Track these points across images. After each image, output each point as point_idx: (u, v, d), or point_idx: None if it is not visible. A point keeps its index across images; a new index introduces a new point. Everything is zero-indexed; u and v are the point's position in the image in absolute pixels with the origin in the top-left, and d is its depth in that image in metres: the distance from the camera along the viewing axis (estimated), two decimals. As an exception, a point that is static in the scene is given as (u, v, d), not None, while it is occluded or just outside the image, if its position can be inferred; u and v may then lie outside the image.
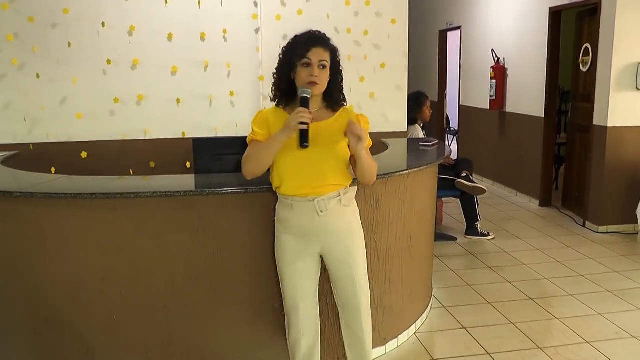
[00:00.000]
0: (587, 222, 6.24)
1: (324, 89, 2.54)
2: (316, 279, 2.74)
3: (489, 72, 8.13)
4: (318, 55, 2.46)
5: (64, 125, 4.73)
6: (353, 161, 2.57)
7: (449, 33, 9.99)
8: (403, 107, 5.41)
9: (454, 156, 7.05)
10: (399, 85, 5.33)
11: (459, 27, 9.35)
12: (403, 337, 3.65)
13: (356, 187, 2.73)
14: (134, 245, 2.95)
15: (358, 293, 2.71)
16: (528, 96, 7.43)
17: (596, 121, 6.11)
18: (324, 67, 2.48)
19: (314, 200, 2.53)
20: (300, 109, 2.39)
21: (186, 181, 3.38)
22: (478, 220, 5.90)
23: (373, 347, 3.37)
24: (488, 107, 8.23)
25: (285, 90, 2.56)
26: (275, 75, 2.59)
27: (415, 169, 3.37)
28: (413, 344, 3.67)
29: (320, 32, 2.56)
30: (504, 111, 8.00)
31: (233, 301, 3.06)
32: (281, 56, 2.56)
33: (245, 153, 2.56)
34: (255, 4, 4.91)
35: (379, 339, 3.45)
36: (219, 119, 4.97)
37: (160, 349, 3.05)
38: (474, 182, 5.79)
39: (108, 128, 4.80)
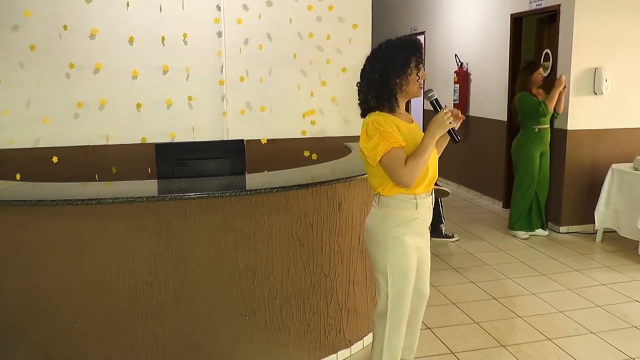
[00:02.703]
0: (548, 222, 6.37)
1: None
2: None
3: (452, 76, 8.26)
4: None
5: (27, 130, 4.66)
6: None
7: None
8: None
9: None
10: (361, 89, 5.38)
11: (422, 32, 9.47)
12: (368, 339, 3.64)
13: None
14: (96, 252, 2.91)
15: (429, 281, 2.99)
16: (491, 100, 7.56)
17: (556, 124, 6.24)
18: None
19: (432, 194, 2.78)
20: (445, 110, 2.59)
21: (148, 187, 3.35)
22: (442, 223, 5.97)
23: (337, 350, 3.44)
24: (452, 111, 8.32)
25: (396, 95, 2.63)
26: (379, 83, 2.61)
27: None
28: (378, 345, 3.69)
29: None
30: (468, 115, 8.12)
31: (196, 307, 3.04)
32: (390, 63, 2.59)
33: (397, 161, 2.54)
34: (218, 8, 4.91)
35: (344, 342, 3.47)
36: (176, 124, 4.94)
37: (123, 357, 3.01)
38: (438, 185, 5.85)
39: (71, 134, 4.74)
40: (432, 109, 2.71)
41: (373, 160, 2.60)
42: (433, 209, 6.07)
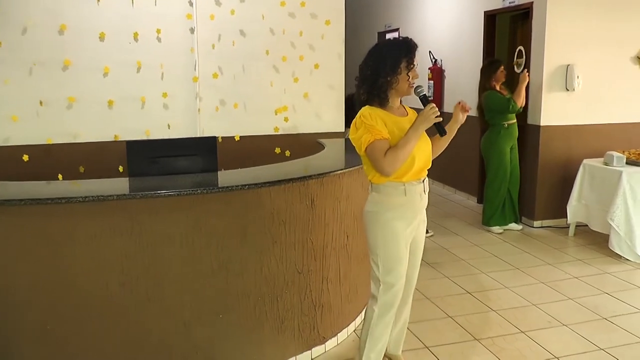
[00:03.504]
0: (522, 217, 6.44)
1: None
2: None
3: (426, 73, 8.30)
4: (416, 59, 2.82)
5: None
6: (438, 141, 3.02)
7: (387, 35, 10.13)
8: (338, 107, 5.45)
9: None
10: (333, 85, 5.38)
11: (397, 29, 9.50)
12: (343, 335, 3.67)
13: None
14: (66, 252, 2.86)
15: (418, 268, 3.12)
16: (465, 97, 7.50)
17: (530, 120, 6.32)
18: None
19: (423, 181, 2.90)
20: (432, 105, 2.73)
21: (119, 185, 3.31)
22: (417, 218, 5.99)
23: (312, 347, 3.45)
24: (426, 108, 8.37)
25: (385, 92, 2.78)
26: (371, 80, 2.79)
27: (350, 169, 3.40)
28: (353, 341, 3.69)
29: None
30: (442, 111, 8.05)
31: (169, 306, 3.01)
32: (381, 62, 2.77)
33: (379, 152, 2.70)
34: (191, 4, 4.86)
35: (318, 338, 3.47)
36: (151, 121, 4.88)
37: (95, 357, 2.97)
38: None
39: (41, 131, 4.64)
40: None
41: (359, 150, 2.80)
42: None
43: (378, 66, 2.77)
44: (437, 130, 2.84)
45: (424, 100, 2.81)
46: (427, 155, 2.91)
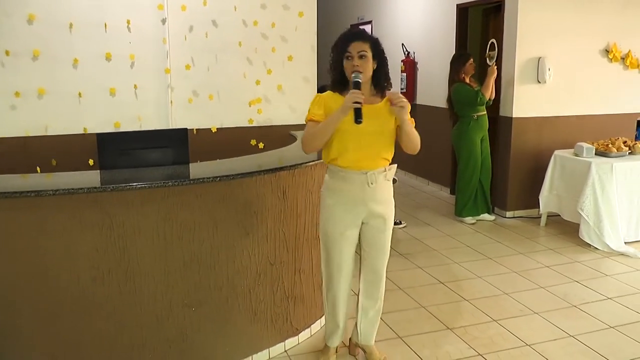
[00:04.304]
0: (495, 207, 6.52)
1: (370, 76, 2.95)
2: (355, 245, 3.13)
3: (399, 65, 8.32)
4: (357, 47, 2.88)
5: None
6: (399, 134, 2.99)
7: (360, 27, 10.14)
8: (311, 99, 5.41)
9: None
10: (307, 77, 5.37)
11: (370, 22, 9.51)
12: (316, 327, 3.68)
13: (396, 165, 3.09)
14: (37, 246, 2.81)
15: (384, 260, 3.17)
16: (437, 89, 7.63)
17: (502, 112, 6.39)
18: (363, 57, 2.88)
19: (366, 173, 2.92)
20: (354, 90, 2.79)
21: (90, 177, 3.26)
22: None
23: (285, 339, 3.45)
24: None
25: (339, 80, 2.96)
26: (330, 69, 3.01)
27: (322, 160, 3.39)
28: (327, 332, 3.71)
29: (359, 28, 2.93)
30: (415, 103, 8.20)
31: (141, 299, 2.98)
32: (331, 53, 2.99)
33: (305, 132, 2.96)
34: (162, -6, 4.81)
35: (291, 330, 3.48)
36: (120, 113, 4.82)
37: (67, 354, 2.94)
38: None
39: (9, 124, 4.55)
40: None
41: None
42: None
43: (331, 59, 3.00)
44: (354, 116, 2.79)
45: (354, 86, 2.86)
46: (372, 149, 2.94)
